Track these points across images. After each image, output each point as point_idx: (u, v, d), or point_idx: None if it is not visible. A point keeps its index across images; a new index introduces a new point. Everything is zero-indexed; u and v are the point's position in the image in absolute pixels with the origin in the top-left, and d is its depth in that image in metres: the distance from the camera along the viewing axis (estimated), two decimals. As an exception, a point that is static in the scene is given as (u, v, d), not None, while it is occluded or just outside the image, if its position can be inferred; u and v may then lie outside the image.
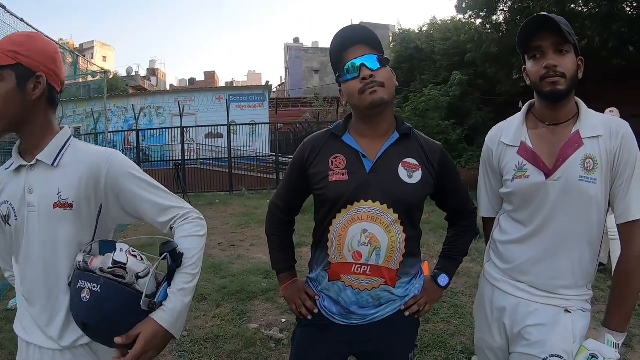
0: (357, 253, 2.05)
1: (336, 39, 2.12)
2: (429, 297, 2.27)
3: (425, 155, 2.16)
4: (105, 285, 1.65)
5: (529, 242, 2.14)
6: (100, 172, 1.86)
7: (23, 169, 1.85)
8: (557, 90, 2.01)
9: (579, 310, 2.10)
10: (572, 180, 2.01)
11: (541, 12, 2.11)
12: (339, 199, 2.06)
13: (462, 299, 5.83)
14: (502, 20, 20.57)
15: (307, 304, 2.24)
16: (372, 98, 2.00)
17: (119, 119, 27.83)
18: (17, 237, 1.85)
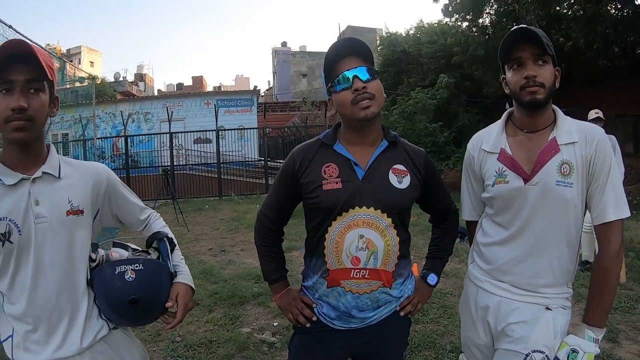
0: (356, 258, 2.10)
1: (330, 50, 2.15)
2: (421, 296, 2.36)
3: (411, 161, 2.23)
4: (146, 263, 2.03)
5: (510, 243, 2.23)
6: (102, 181, 2.09)
7: (25, 182, 1.84)
8: (536, 99, 2.10)
9: (560, 308, 2.19)
10: (549, 184, 2.10)
11: (526, 16, 2.18)
12: (334, 207, 2.10)
13: (451, 300, 5.91)
14: (488, 23, 20.73)
15: (305, 313, 2.26)
16: (364, 113, 2.04)
17: (107, 125, 27.69)
18: (21, 253, 1.83)
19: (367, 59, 2.12)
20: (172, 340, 5.02)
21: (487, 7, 20.41)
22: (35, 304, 1.85)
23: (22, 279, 1.84)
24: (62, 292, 1.89)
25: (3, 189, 1.82)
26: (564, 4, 16.86)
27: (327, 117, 23.19)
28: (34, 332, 1.86)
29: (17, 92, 1.75)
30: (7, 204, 1.81)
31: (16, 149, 1.85)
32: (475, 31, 21.03)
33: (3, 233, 1.79)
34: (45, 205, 1.86)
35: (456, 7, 20.86)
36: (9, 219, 1.80)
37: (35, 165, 1.89)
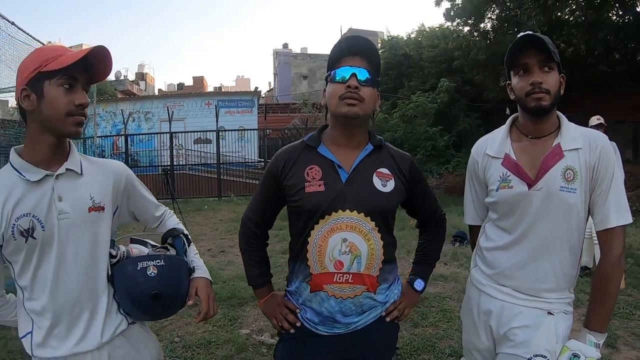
0: (339, 262, 2.07)
1: (345, 41, 2.15)
2: (407, 301, 2.33)
3: (396, 166, 2.22)
4: (166, 259, 2.08)
5: (513, 248, 2.24)
6: (121, 178, 2.15)
7: (48, 178, 1.88)
8: (541, 105, 2.11)
9: (562, 313, 2.20)
10: (553, 190, 2.12)
11: (527, 21, 2.20)
12: (316, 210, 2.09)
13: (450, 304, 5.91)
14: (490, 28, 20.75)
15: (289, 318, 2.23)
16: (347, 110, 2.04)
17: (107, 124, 27.72)
18: (44, 248, 1.86)
19: (373, 65, 2.12)
20: (170, 340, 5.03)
21: (488, 12, 20.44)
22: (56, 299, 1.88)
23: (44, 275, 1.87)
24: (84, 288, 1.93)
25: (27, 185, 1.85)
26: (565, 10, 16.88)
27: (327, 119, 23.18)
28: (54, 327, 1.89)
29: (80, 89, 1.87)
30: (31, 200, 1.84)
31: (50, 143, 1.89)
32: (476, 36, 21.06)
33: (27, 229, 1.82)
34: (68, 202, 1.90)
35: (458, 11, 20.89)
36: (32, 215, 1.83)
37: (58, 162, 1.93)
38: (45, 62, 1.81)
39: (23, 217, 1.82)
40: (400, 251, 8.65)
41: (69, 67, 1.80)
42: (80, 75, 1.86)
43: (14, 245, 1.83)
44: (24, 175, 1.85)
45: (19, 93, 1.85)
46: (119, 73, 46.33)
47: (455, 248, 8.86)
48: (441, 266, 7.70)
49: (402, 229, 10.84)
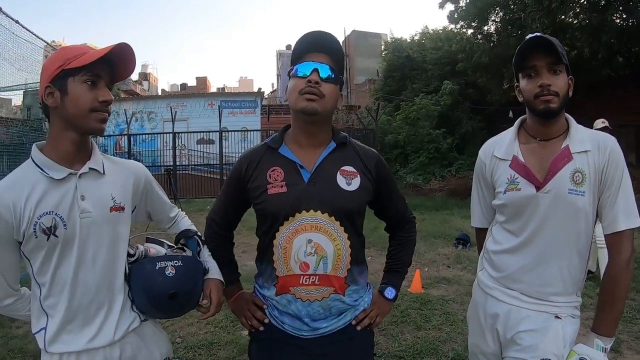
0: (304, 264, 2.04)
1: (308, 36, 2.10)
2: (378, 309, 2.27)
3: (362, 163, 2.17)
4: (184, 260, 2.10)
5: (520, 251, 2.22)
6: (141, 178, 2.17)
7: (71, 177, 1.88)
8: (550, 108, 2.10)
9: (569, 317, 2.18)
10: (561, 192, 2.10)
11: (531, 24, 2.18)
12: (279, 212, 2.06)
13: (454, 307, 5.90)
14: (493, 31, 20.73)
15: (257, 315, 2.22)
16: (305, 104, 2.01)
17: (110, 123, 27.61)
18: (65, 247, 1.86)
19: (336, 61, 2.10)
20: (172, 341, 5.00)
21: (492, 15, 20.42)
22: (74, 297, 1.89)
23: (63, 273, 1.87)
24: (102, 287, 1.94)
25: (50, 183, 1.85)
26: (569, 13, 16.86)
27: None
28: (69, 323, 1.90)
29: (103, 86, 1.88)
30: (53, 198, 1.84)
31: (74, 140, 1.89)
32: (480, 38, 21.05)
33: (49, 227, 1.82)
34: (91, 201, 1.91)
35: (462, 14, 20.87)
36: (55, 213, 1.83)
37: (81, 160, 1.93)
38: (69, 60, 1.82)
39: (46, 215, 1.82)
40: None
41: (92, 64, 1.82)
42: (104, 73, 1.88)
43: (34, 242, 1.82)
44: (47, 172, 1.85)
45: (42, 91, 1.86)
46: (122, 73, 46.38)
47: (458, 251, 8.84)
48: (444, 269, 7.73)
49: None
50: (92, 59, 1.81)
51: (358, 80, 39.09)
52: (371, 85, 32.34)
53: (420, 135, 21.26)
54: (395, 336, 5.04)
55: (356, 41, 41.95)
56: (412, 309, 5.78)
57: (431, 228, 11.33)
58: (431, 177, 19.85)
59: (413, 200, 16.32)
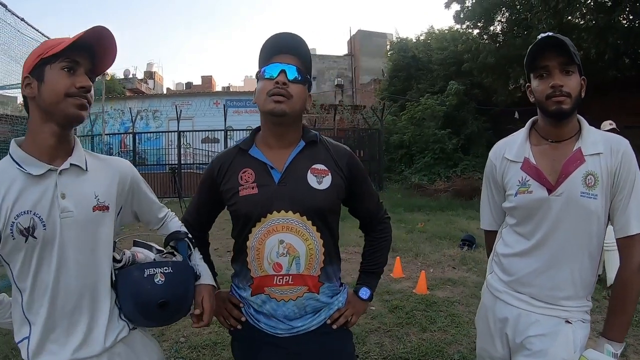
0: (277, 264, 2.05)
1: (275, 37, 2.10)
2: (353, 309, 2.27)
3: (333, 161, 2.17)
4: (174, 266, 2.01)
5: (531, 255, 2.19)
6: (127, 176, 2.05)
7: (51, 173, 1.77)
8: (562, 109, 2.07)
9: (579, 321, 2.15)
10: (573, 195, 2.07)
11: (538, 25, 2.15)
12: (251, 213, 2.07)
13: (459, 308, 5.87)
14: (499, 31, 20.68)
15: (233, 314, 2.23)
16: (273, 106, 2.01)
17: (115, 122, 27.72)
18: (45, 249, 1.75)
19: (303, 61, 2.10)
20: (176, 340, 5.01)
21: (498, 15, 20.37)
22: (56, 302, 1.77)
23: (44, 277, 1.76)
24: (85, 291, 1.83)
25: (28, 179, 1.74)
26: (576, 14, 16.80)
27: (335, 121, 23.18)
28: (52, 331, 1.78)
29: (82, 73, 1.79)
30: (32, 196, 1.73)
31: (53, 132, 1.78)
32: (486, 39, 21.00)
33: (27, 227, 1.71)
34: (72, 199, 1.79)
35: (467, 14, 20.82)
36: (33, 213, 1.72)
37: (62, 156, 1.83)
38: (48, 49, 1.75)
39: (23, 214, 1.71)
40: (407, 254, 8.65)
41: (69, 50, 1.74)
42: (83, 60, 1.79)
43: (12, 244, 1.71)
44: (24, 168, 1.74)
45: (22, 83, 1.79)
46: (127, 71, 46.42)
47: (463, 252, 8.80)
48: (449, 270, 7.71)
49: (411, 232, 10.83)
50: (68, 43, 1.73)
51: (363, 80, 39.02)
52: (376, 85, 32.28)
53: (426, 135, 21.23)
54: (401, 338, 5.01)
55: (361, 41, 41.86)
56: (417, 311, 5.76)
57: (436, 229, 11.30)
58: (436, 178, 19.82)
59: (418, 201, 16.34)
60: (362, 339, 4.95)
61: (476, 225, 11.76)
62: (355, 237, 8.93)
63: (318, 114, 26.86)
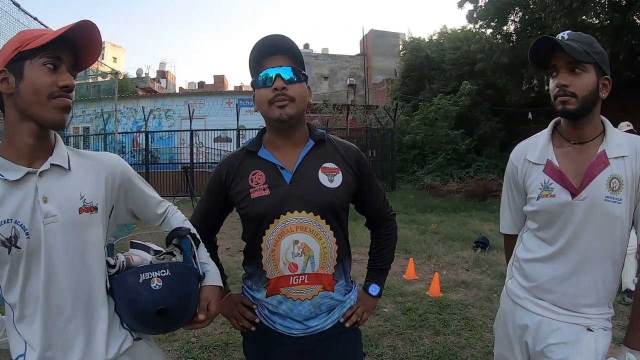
0: (293, 265, 2.04)
1: (259, 44, 2.06)
2: (364, 306, 2.28)
3: (342, 158, 2.16)
4: (172, 268, 1.83)
5: (553, 261, 2.14)
6: (117, 172, 1.90)
7: (30, 176, 1.64)
8: (566, 109, 2.02)
9: (601, 329, 2.10)
10: (598, 200, 2.01)
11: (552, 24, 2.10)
12: (264, 215, 2.05)
13: (473, 312, 5.81)
14: (513, 31, 20.62)
15: (247, 316, 2.21)
16: (279, 112, 2.00)
17: (128, 120, 27.86)
18: (31, 259, 1.63)
19: (295, 59, 2.07)
20: (187, 340, 4.99)
21: (511, 15, 20.29)
22: (49, 315, 1.65)
23: (33, 289, 1.64)
24: (78, 301, 1.70)
25: (6, 186, 1.61)
26: (590, 13, 16.67)
27: (348, 121, 23.14)
28: (49, 348, 1.67)
29: (64, 70, 1.65)
30: (11, 204, 1.60)
31: (32, 131, 1.65)
32: (499, 38, 20.92)
33: (8, 238, 1.59)
34: (55, 202, 1.66)
35: (481, 13, 20.76)
36: (14, 221, 1.59)
37: (42, 156, 1.69)
38: (27, 42, 1.61)
39: (4, 224, 1.59)
40: (420, 255, 8.61)
41: (52, 45, 1.60)
42: (66, 56, 1.65)
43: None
44: (1, 174, 1.61)
45: None
46: (140, 71, 46.64)
47: (477, 254, 8.72)
48: (463, 272, 7.65)
49: (423, 233, 10.78)
50: (52, 37, 1.59)
51: (376, 79, 39.03)
52: (389, 84, 32.26)
53: (439, 135, 21.16)
54: (414, 341, 4.97)
55: (374, 41, 41.88)
56: (430, 313, 5.71)
57: (449, 230, 11.24)
58: (449, 179, 19.74)
59: (431, 202, 16.27)
60: (374, 341, 4.91)
61: (489, 226, 11.70)
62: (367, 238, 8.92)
63: (331, 114, 26.87)
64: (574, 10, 15.45)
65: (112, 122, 22.64)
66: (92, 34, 1.69)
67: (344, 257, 2.16)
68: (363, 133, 24.14)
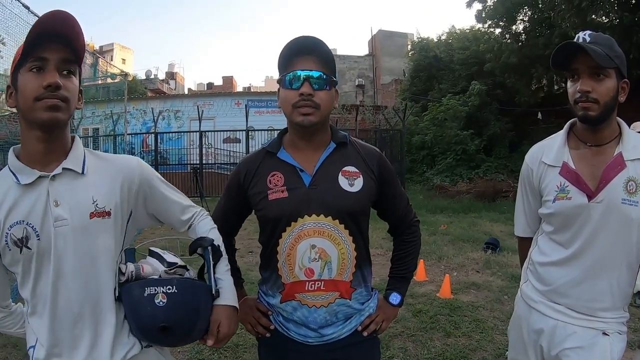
0: (309, 270, 2.01)
1: (291, 42, 2.02)
2: (384, 315, 2.23)
3: (364, 162, 2.12)
4: (180, 285, 1.76)
5: (569, 264, 2.12)
6: (134, 176, 1.88)
7: (43, 180, 1.68)
8: (588, 115, 1.99)
9: (616, 333, 2.08)
10: (614, 202, 1.99)
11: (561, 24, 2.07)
12: (280, 217, 2.02)
13: (484, 313, 5.78)
14: (522, 30, 20.53)
15: (262, 322, 2.18)
16: (302, 119, 1.96)
17: (137, 122, 27.97)
18: (41, 260, 1.67)
19: (326, 63, 2.02)
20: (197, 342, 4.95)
21: (520, 14, 20.23)
22: (56, 314, 1.69)
23: (42, 288, 1.69)
24: (85, 304, 1.71)
25: (19, 189, 1.67)
26: (600, 12, 16.58)
27: (357, 121, 23.11)
28: (55, 345, 1.71)
29: (51, 69, 1.61)
30: (24, 206, 1.66)
31: (38, 137, 1.67)
32: (508, 38, 20.86)
33: (20, 238, 1.64)
34: (66, 206, 1.68)
35: (489, 13, 20.70)
36: (26, 223, 1.65)
37: (56, 159, 1.71)
38: (17, 53, 1.64)
39: (16, 225, 1.64)
40: (430, 257, 8.58)
41: (32, 49, 1.60)
42: (52, 54, 1.61)
43: (9, 255, 1.66)
44: (17, 177, 1.67)
45: (6, 94, 1.71)
46: (149, 72, 46.75)
47: (487, 255, 8.68)
48: (473, 274, 7.62)
49: (433, 234, 10.75)
50: (28, 41, 1.58)
51: (384, 80, 38.94)
52: (397, 85, 32.23)
53: (448, 136, 21.09)
54: (425, 343, 4.96)
55: (382, 41, 41.77)
56: (441, 315, 5.69)
57: (459, 231, 11.21)
58: (458, 179, 19.68)
59: (440, 203, 16.25)
60: (385, 343, 4.89)
61: (499, 228, 11.65)
62: (378, 238, 8.89)
63: (340, 114, 26.85)
64: (584, 9, 15.35)
65: (121, 123, 22.73)
66: (69, 27, 1.64)
67: (363, 265, 2.12)
68: (372, 134, 24.08)
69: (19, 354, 4.75)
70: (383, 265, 6.46)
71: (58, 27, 1.61)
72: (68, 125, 1.76)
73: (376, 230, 4.84)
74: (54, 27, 1.61)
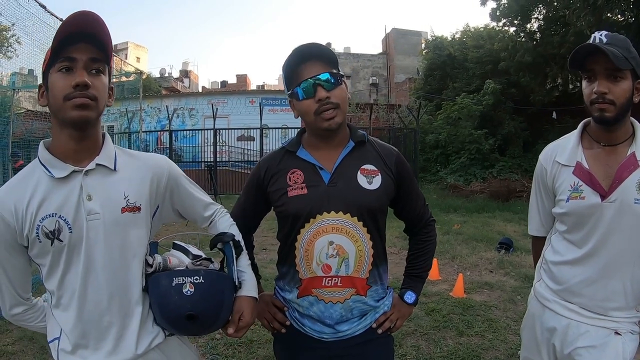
0: (327, 266, 2.03)
1: (291, 55, 2.06)
2: (399, 313, 2.24)
3: (382, 160, 2.14)
4: (206, 276, 1.82)
5: (582, 263, 2.13)
6: (163, 173, 1.95)
7: (76, 175, 1.72)
8: (604, 117, 2.00)
9: (629, 333, 2.10)
10: (627, 202, 2.00)
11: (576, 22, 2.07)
12: (300, 214, 2.05)
13: (496, 313, 5.78)
14: (537, 29, 20.37)
15: (277, 317, 2.21)
16: (328, 124, 1.99)
17: (152, 119, 28.13)
18: (72, 252, 1.71)
19: (330, 62, 2.04)
20: (212, 337, 5.01)
21: (535, 12, 20.10)
22: (84, 307, 1.73)
23: (71, 280, 1.72)
24: (114, 296, 1.75)
25: (52, 182, 1.70)
26: (615, 10, 16.46)
27: (371, 120, 23.07)
28: (83, 337, 1.74)
29: (79, 69, 1.65)
30: (57, 199, 1.69)
31: (71, 135, 1.72)
32: (522, 36, 20.74)
33: (52, 230, 1.67)
34: (99, 201, 1.73)
35: (504, 11, 20.59)
36: (58, 216, 1.68)
37: (89, 156, 1.76)
38: (48, 53, 1.69)
39: (48, 217, 1.68)
40: (444, 256, 8.58)
41: (59, 48, 1.64)
42: (81, 53, 1.65)
43: (39, 247, 1.69)
44: (49, 170, 1.70)
45: (38, 94, 1.76)
46: (163, 70, 46.93)
47: (501, 255, 8.64)
48: (487, 274, 7.61)
49: (447, 234, 10.72)
50: (56, 42, 1.63)
51: (398, 78, 38.82)
52: (411, 83, 32.11)
53: (462, 135, 20.98)
54: (437, 341, 4.96)
55: (396, 39, 41.66)
56: (454, 314, 5.70)
57: (473, 231, 11.18)
58: (472, 179, 19.59)
59: (454, 202, 16.19)
60: (398, 341, 4.89)
61: (513, 227, 11.60)
62: (391, 237, 8.87)
63: (353, 113, 26.82)
64: (599, 8, 15.25)
65: (136, 121, 22.85)
66: (91, 17, 1.68)
67: (379, 262, 2.15)
68: (386, 132, 24.04)
69: (35, 347, 4.81)
70: (397, 264, 6.49)
71: (86, 27, 1.66)
72: (99, 123, 1.80)
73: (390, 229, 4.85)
74: (82, 26, 1.65)
